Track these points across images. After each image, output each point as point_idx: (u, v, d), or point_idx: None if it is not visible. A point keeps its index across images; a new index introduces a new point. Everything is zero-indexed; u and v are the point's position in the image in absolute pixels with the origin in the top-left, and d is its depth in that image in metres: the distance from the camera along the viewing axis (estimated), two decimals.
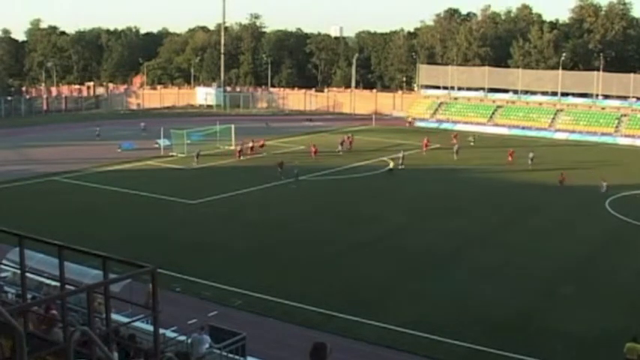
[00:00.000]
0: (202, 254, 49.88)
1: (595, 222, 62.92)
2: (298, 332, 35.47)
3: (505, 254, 51.69)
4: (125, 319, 18.22)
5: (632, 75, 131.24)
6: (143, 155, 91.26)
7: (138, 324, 17.19)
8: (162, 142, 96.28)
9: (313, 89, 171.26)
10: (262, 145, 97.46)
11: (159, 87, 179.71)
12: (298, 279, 45.11)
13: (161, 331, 13.51)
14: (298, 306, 39.82)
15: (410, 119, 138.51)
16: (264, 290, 41.98)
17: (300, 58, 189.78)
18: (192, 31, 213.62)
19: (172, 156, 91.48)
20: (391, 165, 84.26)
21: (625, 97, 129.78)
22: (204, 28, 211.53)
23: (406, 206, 67.02)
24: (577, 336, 36.84)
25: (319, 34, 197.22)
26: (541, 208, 67.91)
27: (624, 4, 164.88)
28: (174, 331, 26.49)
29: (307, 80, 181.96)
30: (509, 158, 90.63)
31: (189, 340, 25.29)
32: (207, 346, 25.72)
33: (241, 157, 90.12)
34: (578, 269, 49.14)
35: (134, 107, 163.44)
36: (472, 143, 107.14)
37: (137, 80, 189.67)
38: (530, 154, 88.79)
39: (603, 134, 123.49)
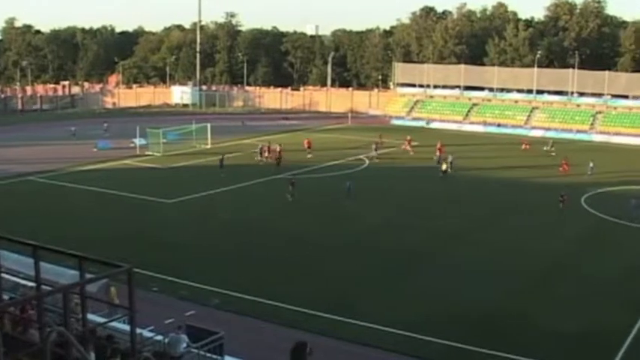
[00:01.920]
0: (179, 253, 49.72)
1: (571, 219, 63.18)
2: (277, 331, 35.42)
3: (485, 252, 51.86)
4: (102, 319, 18.13)
5: (606, 72, 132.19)
6: (119, 155, 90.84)
7: (115, 324, 17.11)
8: (139, 141, 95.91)
9: (289, 88, 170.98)
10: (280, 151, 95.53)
11: (134, 86, 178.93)
12: (277, 278, 45.05)
13: (138, 330, 13.45)
14: (277, 305, 39.76)
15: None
16: (242, 289, 41.90)
17: (276, 57, 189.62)
18: (167, 29, 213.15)
19: (149, 155, 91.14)
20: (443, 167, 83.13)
21: (600, 95, 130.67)
22: (179, 27, 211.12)
23: (386, 204, 67.09)
24: (557, 332, 36.97)
25: (295, 32, 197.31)
26: (517, 206, 68.12)
27: (599, 2, 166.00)
28: (151, 330, 26.28)
29: (283, 79, 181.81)
30: (564, 168, 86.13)
31: (166, 340, 25.15)
32: (184, 345, 25.58)
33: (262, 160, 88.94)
34: (555, 266, 49.35)
35: (110, 106, 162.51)
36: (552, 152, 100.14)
37: (113, 79, 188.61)
38: (591, 164, 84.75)
39: (579, 131, 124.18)
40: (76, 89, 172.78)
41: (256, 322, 37.57)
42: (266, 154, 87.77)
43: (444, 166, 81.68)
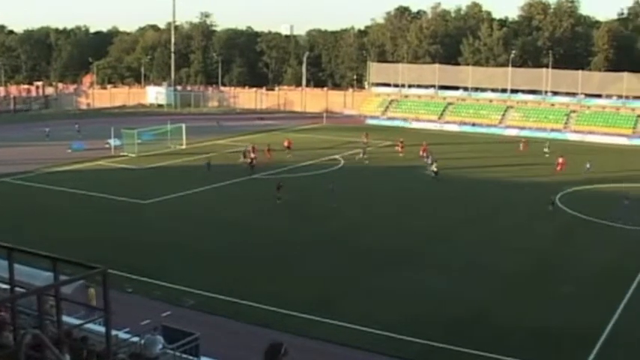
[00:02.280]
0: (155, 254, 49.57)
1: (547, 217, 63.51)
2: (253, 331, 35.36)
3: (461, 251, 52.08)
4: (77, 321, 18.04)
5: (580, 72, 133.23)
6: (94, 155, 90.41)
7: (90, 326, 17.02)
8: (113, 141, 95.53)
9: (264, 88, 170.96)
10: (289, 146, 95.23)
11: (109, 86, 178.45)
12: (253, 278, 44.98)
13: (114, 332, 13.39)
14: (253, 305, 39.69)
15: None
16: (217, 290, 41.81)
17: (251, 57, 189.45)
18: (142, 29, 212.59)
19: (123, 156, 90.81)
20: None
21: (574, 94, 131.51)
22: (154, 27, 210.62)
23: (362, 203, 67.18)
24: (534, 331, 37.11)
25: (270, 32, 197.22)
26: (495, 205, 68.42)
27: (572, 2, 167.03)
28: (127, 332, 26.18)
29: (258, 79, 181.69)
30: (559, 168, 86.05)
31: (142, 341, 25.06)
32: (160, 346, 25.48)
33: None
34: (532, 265, 49.59)
35: (84, 107, 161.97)
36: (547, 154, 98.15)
37: (87, 80, 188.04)
38: (588, 164, 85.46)
39: (553, 130, 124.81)
40: (50, 90, 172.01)
41: (232, 323, 37.50)
42: (252, 155, 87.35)
43: (434, 167, 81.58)
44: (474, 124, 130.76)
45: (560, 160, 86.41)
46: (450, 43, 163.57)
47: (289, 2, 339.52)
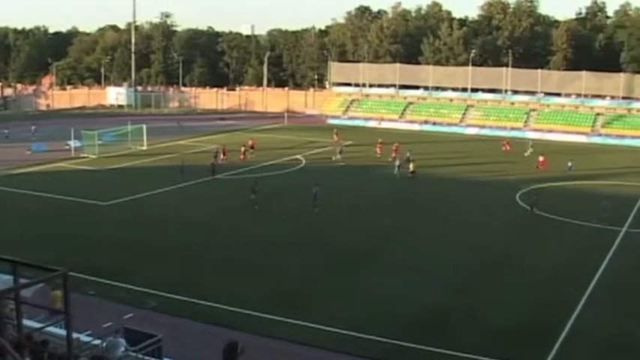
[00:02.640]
0: (116, 256, 49.23)
1: (507, 215, 64.03)
2: (215, 332, 35.23)
3: (423, 249, 52.32)
4: (38, 325, 17.91)
5: (539, 71, 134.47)
6: (54, 157, 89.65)
7: (51, 329, 16.91)
8: (74, 143, 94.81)
9: (225, 88, 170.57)
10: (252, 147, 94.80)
11: (69, 87, 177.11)
12: (215, 278, 44.83)
13: (75, 335, 13.33)
14: (215, 306, 39.57)
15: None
16: (179, 291, 41.65)
17: (212, 57, 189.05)
18: (102, 30, 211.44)
19: (84, 157, 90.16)
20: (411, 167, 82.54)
21: (533, 92, 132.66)
22: (114, 27, 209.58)
23: (325, 203, 67.10)
24: (495, 327, 37.42)
25: (231, 32, 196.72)
26: (456, 203, 68.77)
27: (531, 1, 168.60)
28: (88, 335, 26.00)
29: (219, 79, 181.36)
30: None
31: (104, 344, 24.92)
32: (122, 349, 25.35)
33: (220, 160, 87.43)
34: (493, 262, 49.98)
35: (43, 108, 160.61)
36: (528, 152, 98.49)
37: (46, 80, 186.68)
38: (569, 163, 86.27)
39: (513, 129, 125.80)
40: (8, 91, 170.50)
41: (195, 324, 37.36)
42: (222, 156, 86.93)
43: (411, 166, 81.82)
44: (434, 123, 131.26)
45: (541, 158, 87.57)
46: (411, 42, 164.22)
47: (250, 2, 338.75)
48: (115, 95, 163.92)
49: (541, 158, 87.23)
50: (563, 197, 72.18)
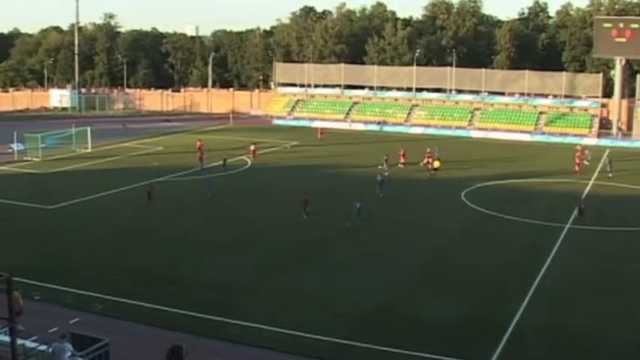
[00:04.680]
0: (61, 260, 48.73)
1: (453, 214, 64.53)
2: (161, 335, 35.02)
3: (368, 248, 52.37)
4: None
5: (483, 70, 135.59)
6: None
7: None
8: (16, 146, 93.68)
9: (170, 89, 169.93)
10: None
11: (11, 89, 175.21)
12: (159, 280, 44.56)
13: (20, 341, 13.21)
14: (160, 308, 39.33)
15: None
16: (125, 294, 41.31)
17: (156, 58, 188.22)
18: (44, 31, 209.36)
19: (27, 161, 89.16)
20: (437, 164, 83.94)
21: (477, 92, 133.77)
22: (57, 29, 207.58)
23: (269, 203, 67.10)
24: (440, 325, 37.66)
25: (175, 33, 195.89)
26: (402, 201, 69.08)
27: (475, 1, 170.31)
28: (34, 341, 25.81)
29: (164, 80, 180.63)
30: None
31: (50, 350, 24.72)
32: (69, 354, 25.19)
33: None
34: (438, 260, 50.29)
35: None
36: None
37: None
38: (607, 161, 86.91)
39: (457, 128, 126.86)
40: None
41: (141, 327, 37.11)
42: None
43: (436, 164, 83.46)
44: (379, 123, 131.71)
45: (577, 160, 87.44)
46: (355, 42, 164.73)
47: (194, 3, 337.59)
48: (59, 97, 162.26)
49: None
50: (507, 195, 72.88)
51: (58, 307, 39.81)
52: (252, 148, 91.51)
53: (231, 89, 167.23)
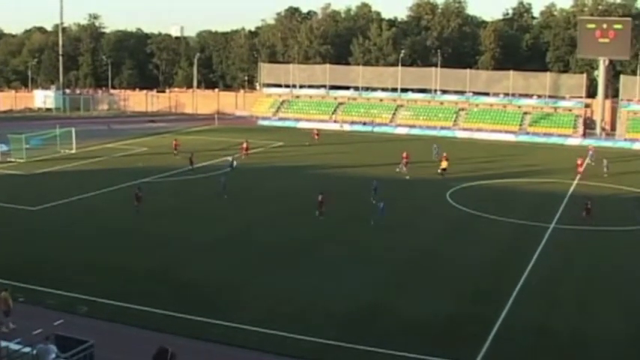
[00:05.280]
0: (45, 261, 48.45)
1: (438, 213, 64.62)
2: (147, 336, 34.91)
3: (352, 248, 52.30)
4: None
5: (468, 70, 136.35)
6: None
7: None
8: (0, 147, 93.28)
9: (155, 90, 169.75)
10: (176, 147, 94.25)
11: None
12: (143, 282, 44.34)
13: (4, 343, 13.18)
14: (145, 310, 39.17)
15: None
16: (109, 295, 41.10)
17: (141, 59, 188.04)
18: (28, 32, 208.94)
19: (11, 162, 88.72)
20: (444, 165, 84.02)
21: (462, 92, 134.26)
22: (41, 29, 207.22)
23: (252, 204, 67.03)
24: (427, 324, 37.76)
25: (160, 34, 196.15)
26: (387, 202, 69.06)
27: (459, 2, 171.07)
28: (18, 342, 25.71)
29: (148, 81, 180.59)
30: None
31: (34, 352, 24.64)
32: (53, 356, 25.11)
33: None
34: (423, 260, 50.27)
35: None
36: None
37: None
38: (605, 161, 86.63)
39: (442, 128, 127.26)
40: None
41: (127, 328, 36.98)
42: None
43: (444, 164, 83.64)
44: (364, 124, 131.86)
45: (579, 161, 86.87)
46: (341, 43, 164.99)
47: (179, 3, 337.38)
48: (43, 98, 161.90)
49: (579, 161, 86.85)
50: (491, 195, 73.07)
51: (42, 308, 39.66)
52: (244, 145, 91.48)
53: (217, 90, 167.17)
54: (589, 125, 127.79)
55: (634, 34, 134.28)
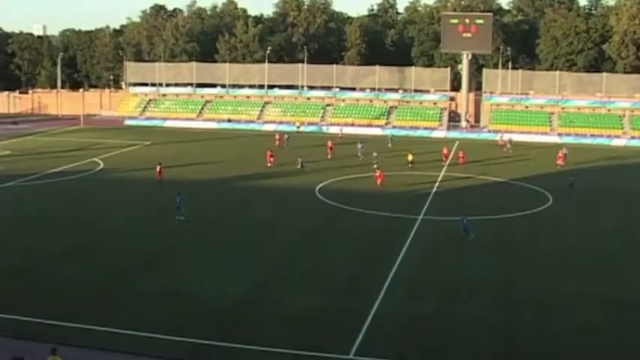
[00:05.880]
0: None
1: (306, 210, 64.84)
2: (19, 346, 33.74)
3: (221, 248, 52.13)
4: None
5: (334, 66, 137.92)
6: None
7: None
8: None
9: (17, 91, 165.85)
10: None
11: None
12: (9, 290, 43.02)
13: None
14: (10, 318, 37.99)
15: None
16: None
17: (2, 59, 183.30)
18: None
19: None
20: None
21: (329, 88, 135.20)
22: None
23: (119, 208, 65.84)
24: (299, 320, 38.05)
25: (21, 33, 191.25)
26: (255, 200, 68.98)
27: None
28: None
29: (10, 82, 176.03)
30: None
31: None
32: None
33: None
34: (296, 256, 50.47)
35: None
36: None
37: None
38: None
39: (310, 123, 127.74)
40: None
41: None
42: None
43: (410, 157, 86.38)
44: (231, 121, 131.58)
45: (445, 151, 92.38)
46: (207, 40, 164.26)
47: (41, 2, 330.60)
48: None
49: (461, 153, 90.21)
50: (361, 189, 73.72)
51: None
52: (157, 169, 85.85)
53: (81, 90, 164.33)
54: (454, 118, 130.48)
55: (495, 28, 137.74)
